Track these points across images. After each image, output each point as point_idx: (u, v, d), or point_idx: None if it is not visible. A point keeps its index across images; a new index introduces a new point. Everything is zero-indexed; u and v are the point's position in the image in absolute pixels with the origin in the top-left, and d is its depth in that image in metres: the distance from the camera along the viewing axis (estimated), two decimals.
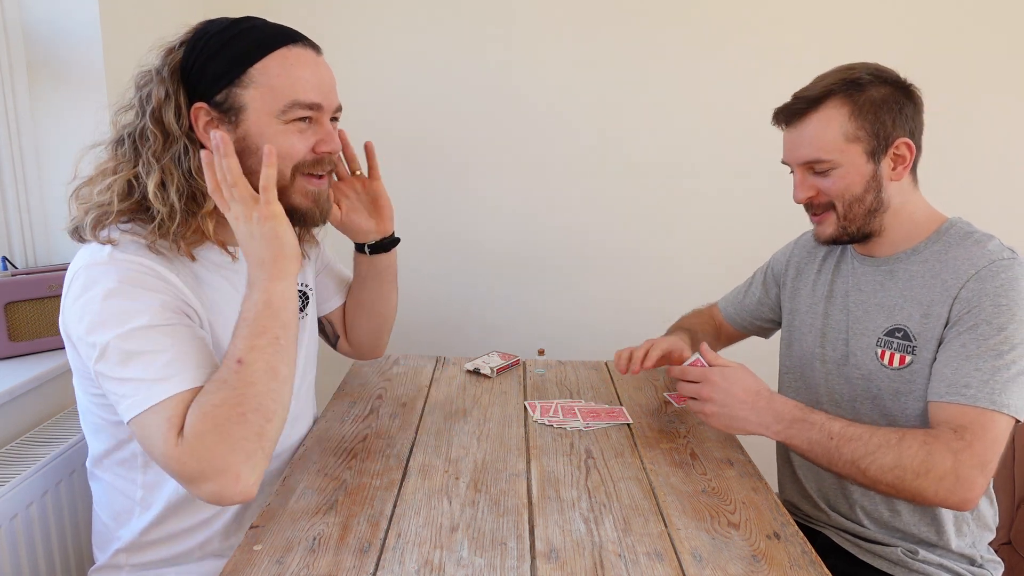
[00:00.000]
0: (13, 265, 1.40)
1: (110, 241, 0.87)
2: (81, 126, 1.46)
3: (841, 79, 1.06)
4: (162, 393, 0.80)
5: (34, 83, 1.43)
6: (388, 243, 1.20)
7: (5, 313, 1.28)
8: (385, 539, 0.83)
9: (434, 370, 1.44)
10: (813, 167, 1.10)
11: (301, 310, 1.13)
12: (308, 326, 1.16)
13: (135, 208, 0.90)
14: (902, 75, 1.08)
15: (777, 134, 1.15)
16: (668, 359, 1.26)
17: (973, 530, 1.10)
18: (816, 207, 1.13)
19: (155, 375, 0.80)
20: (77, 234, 0.90)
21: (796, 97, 1.10)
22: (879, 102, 1.05)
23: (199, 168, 0.89)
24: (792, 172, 1.15)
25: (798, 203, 1.15)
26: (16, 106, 1.41)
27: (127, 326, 0.81)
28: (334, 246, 1.30)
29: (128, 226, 0.90)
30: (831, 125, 1.06)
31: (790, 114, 1.11)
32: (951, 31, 1.94)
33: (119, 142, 0.92)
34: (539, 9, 1.96)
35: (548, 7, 1.96)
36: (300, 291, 1.14)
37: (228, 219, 0.89)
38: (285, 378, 0.84)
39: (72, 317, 0.85)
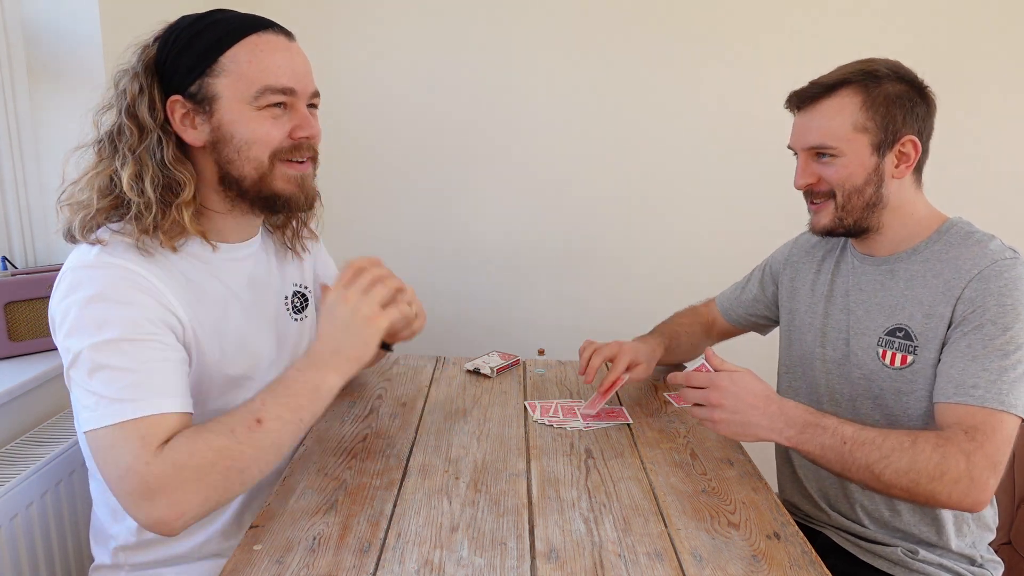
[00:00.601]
0: (13, 265, 1.40)
1: (99, 242, 0.87)
2: (81, 127, 1.46)
3: (859, 69, 1.07)
4: (134, 412, 0.80)
5: (34, 83, 1.43)
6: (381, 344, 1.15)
7: (5, 313, 1.28)
8: (385, 539, 0.83)
9: (434, 370, 1.44)
10: (818, 153, 1.10)
11: (300, 311, 1.13)
12: (308, 328, 1.15)
13: (116, 204, 0.90)
14: (920, 77, 1.08)
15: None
16: (630, 370, 1.25)
17: (973, 530, 1.10)
18: (816, 195, 1.12)
19: (119, 394, 0.80)
20: (69, 235, 0.91)
21: (812, 83, 1.10)
22: (893, 97, 1.05)
23: (173, 158, 0.90)
24: (796, 156, 1.15)
25: (798, 189, 1.14)
26: (16, 106, 1.40)
27: (101, 336, 0.81)
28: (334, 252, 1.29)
29: (118, 226, 0.90)
30: (842, 113, 1.06)
31: (803, 98, 1.11)
32: (951, 30, 1.94)
33: (100, 141, 0.93)
34: (539, 12, 1.96)
35: (548, 10, 1.96)
36: (299, 292, 1.14)
37: (328, 294, 0.91)
38: (283, 456, 0.86)
39: (56, 318, 0.86)
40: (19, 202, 1.43)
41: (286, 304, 1.10)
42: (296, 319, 1.12)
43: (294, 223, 1.12)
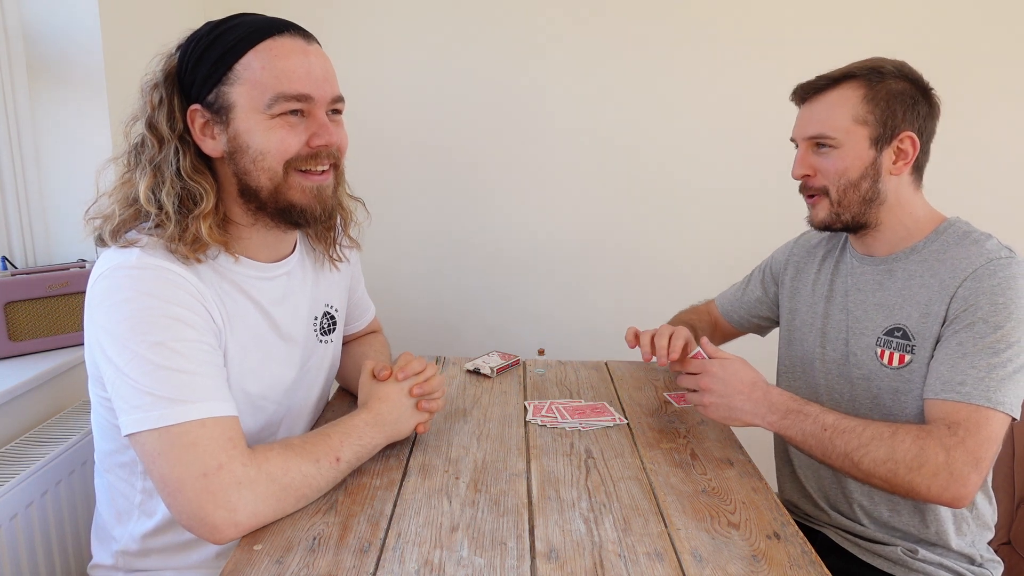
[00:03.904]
0: (13, 265, 1.41)
1: (132, 244, 0.86)
2: (81, 127, 1.46)
3: (866, 65, 1.09)
4: (210, 411, 0.81)
5: (34, 83, 1.43)
6: None
7: (5, 313, 1.28)
8: (385, 539, 0.83)
9: None
10: (817, 144, 1.11)
11: (328, 332, 1.12)
12: (332, 352, 1.14)
13: (138, 215, 0.90)
14: (927, 81, 1.09)
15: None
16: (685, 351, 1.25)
17: (973, 529, 1.10)
18: (810, 188, 1.14)
19: (181, 394, 0.80)
20: (100, 240, 0.90)
21: (819, 76, 1.12)
22: (895, 93, 1.07)
23: (190, 169, 0.89)
24: (797, 148, 1.16)
25: (795, 179, 1.16)
26: (16, 106, 1.41)
27: (155, 337, 0.81)
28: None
29: (149, 231, 0.88)
30: (844, 105, 1.08)
31: (808, 90, 1.13)
32: (952, 31, 1.94)
33: (129, 152, 0.92)
34: (543, 14, 1.96)
35: (553, 13, 1.96)
36: (328, 313, 1.12)
37: (388, 384, 1.01)
38: (328, 490, 0.92)
39: (99, 320, 0.83)
40: (19, 202, 1.43)
41: (315, 325, 1.08)
42: (322, 341, 1.10)
43: (332, 233, 1.09)
